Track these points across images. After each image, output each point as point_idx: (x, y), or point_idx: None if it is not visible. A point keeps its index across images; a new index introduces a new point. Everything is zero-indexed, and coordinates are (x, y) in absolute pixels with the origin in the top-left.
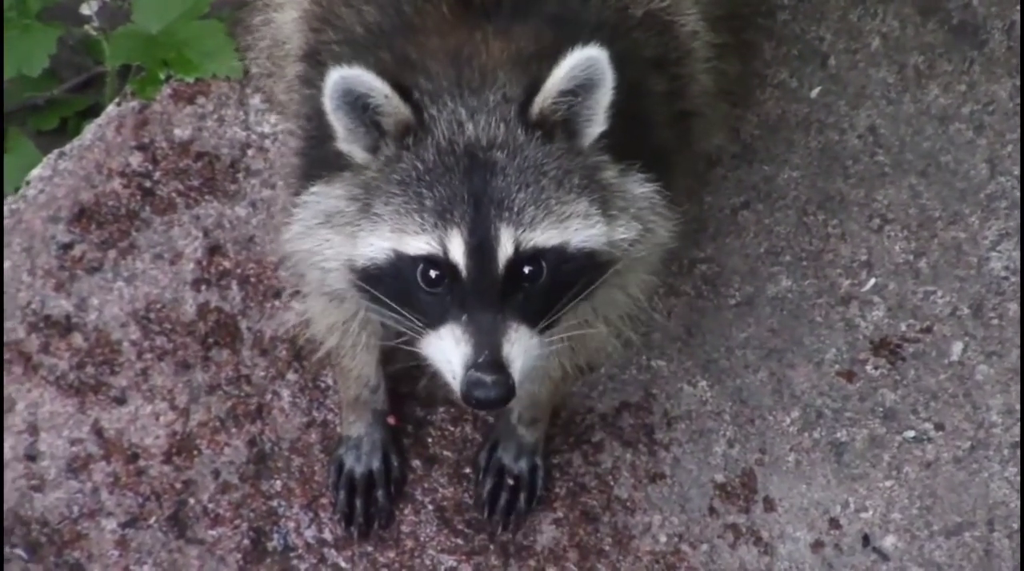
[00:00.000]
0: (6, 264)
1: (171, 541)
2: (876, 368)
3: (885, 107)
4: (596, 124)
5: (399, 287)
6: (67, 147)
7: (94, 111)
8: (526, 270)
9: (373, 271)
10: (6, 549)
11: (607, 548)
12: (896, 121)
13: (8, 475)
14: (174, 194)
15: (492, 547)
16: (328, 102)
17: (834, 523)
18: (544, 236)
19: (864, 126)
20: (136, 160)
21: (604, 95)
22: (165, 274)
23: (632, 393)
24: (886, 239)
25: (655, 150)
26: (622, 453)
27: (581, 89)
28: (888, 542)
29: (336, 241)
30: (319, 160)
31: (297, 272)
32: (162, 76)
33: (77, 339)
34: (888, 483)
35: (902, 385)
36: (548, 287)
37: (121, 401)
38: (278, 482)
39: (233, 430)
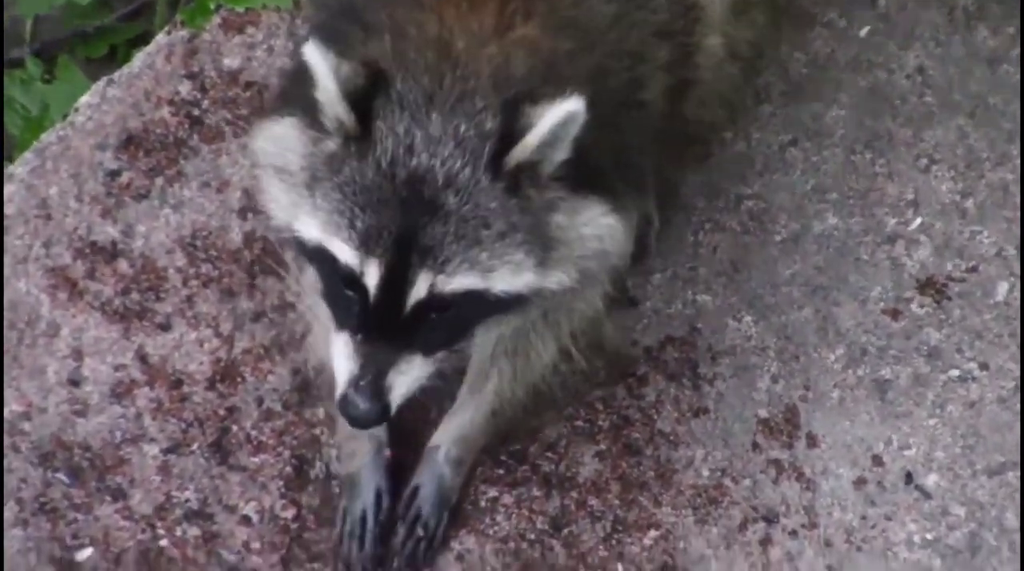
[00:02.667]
0: (53, 190)
1: (213, 467)
2: (921, 307)
3: (934, 48)
4: (560, 158)
5: (324, 272)
6: (116, 75)
7: (143, 39)
8: (435, 309)
9: (306, 248)
10: (47, 473)
11: (649, 481)
12: (945, 62)
13: (51, 400)
14: (222, 123)
15: (534, 478)
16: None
17: (877, 460)
18: (464, 283)
19: (913, 66)
20: (185, 88)
21: (574, 132)
22: (212, 202)
23: (677, 327)
24: (933, 179)
25: (626, 162)
26: (666, 387)
27: (556, 138)
28: (931, 480)
29: (283, 201)
30: (296, 95)
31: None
32: (212, 6)
33: (123, 265)
34: (932, 422)
35: (947, 324)
36: (457, 320)
37: (166, 327)
38: (321, 410)
39: (277, 358)
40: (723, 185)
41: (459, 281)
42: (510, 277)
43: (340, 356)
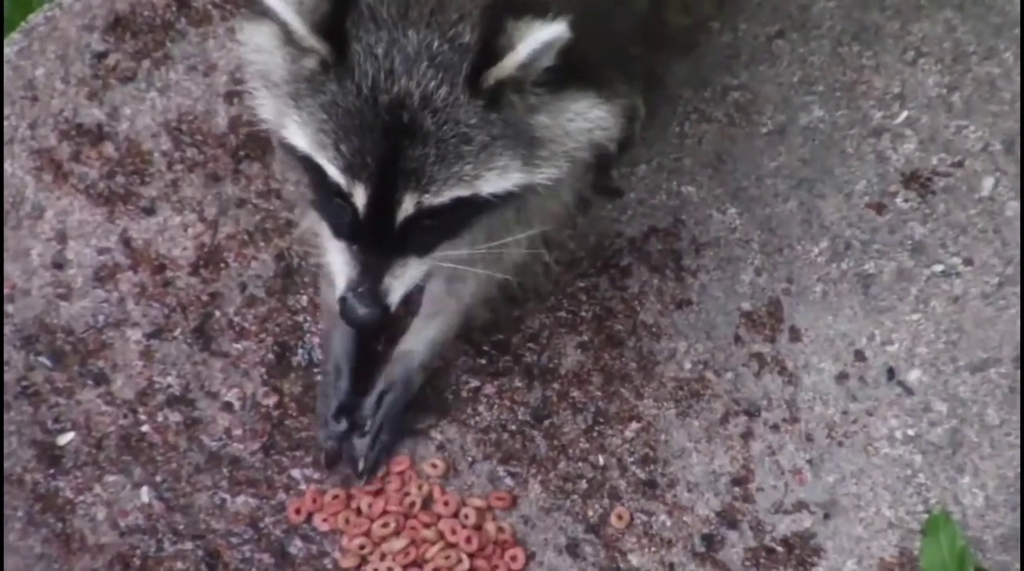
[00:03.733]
0: (39, 71)
1: (195, 353)
2: (906, 201)
3: None
4: (543, 67)
5: (314, 180)
6: None
7: None
8: (425, 218)
9: (295, 155)
10: (30, 356)
11: (631, 373)
12: None
13: (35, 282)
14: (210, 6)
15: (516, 369)
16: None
17: (859, 355)
18: (451, 195)
19: None
20: None
21: (557, 48)
22: (198, 86)
23: (661, 218)
24: (920, 72)
25: (615, 50)
26: (649, 278)
27: (538, 58)
28: (913, 376)
29: (269, 106)
30: None
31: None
32: None
33: (108, 148)
34: (915, 317)
35: (931, 219)
36: (450, 222)
37: (150, 211)
38: (304, 297)
39: (261, 244)
40: (709, 76)
41: (446, 195)
42: (497, 180)
43: (337, 260)
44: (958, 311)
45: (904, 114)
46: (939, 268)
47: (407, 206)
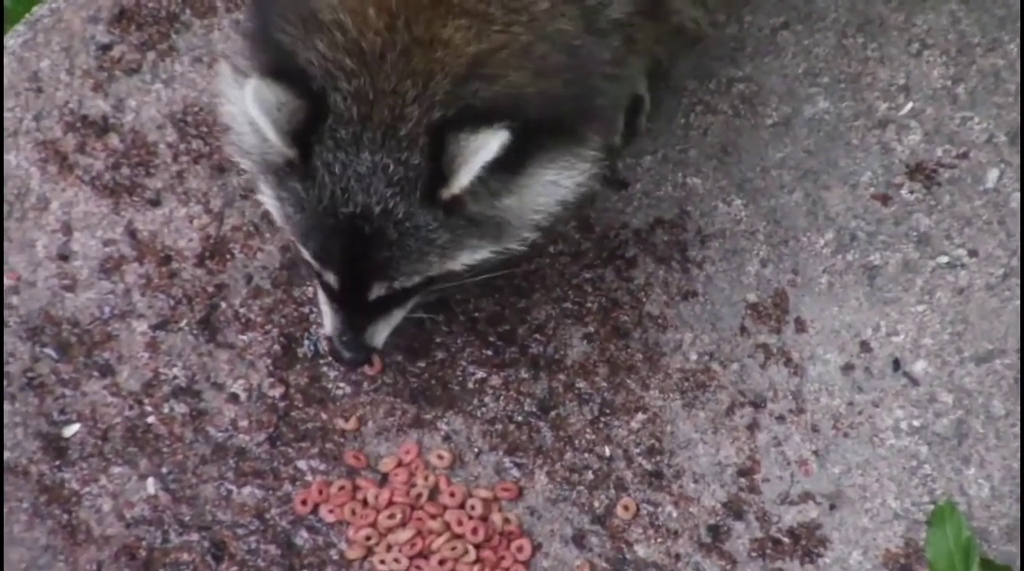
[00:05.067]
0: (44, 63)
1: (201, 344)
2: (911, 192)
3: None
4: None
5: (291, 241)
6: None
7: None
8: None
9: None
10: (35, 348)
11: (637, 364)
12: None
13: (40, 274)
14: None
15: (522, 360)
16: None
17: (865, 346)
18: (421, 277)
19: None
20: None
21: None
22: (203, 77)
23: (667, 210)
24: (925, 64)
25: (597, 115)
26: (655, 269)
27: (488, 163)
28: (919, 367)
29: (245, 165)
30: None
31: None
32: None
33: (113, 140)
34: (920, 308)
35: (936, 210)
36: (427, 283)
37: (155, 203)
38: (310, 289)
39: (267, 235)
40: (714, 68)
41: (415, 279)
42: (468, 257)
43: (321, 306)
44: (963, 302)
45: (909, 106)
46: (944, 259)
47: (378, 290)
